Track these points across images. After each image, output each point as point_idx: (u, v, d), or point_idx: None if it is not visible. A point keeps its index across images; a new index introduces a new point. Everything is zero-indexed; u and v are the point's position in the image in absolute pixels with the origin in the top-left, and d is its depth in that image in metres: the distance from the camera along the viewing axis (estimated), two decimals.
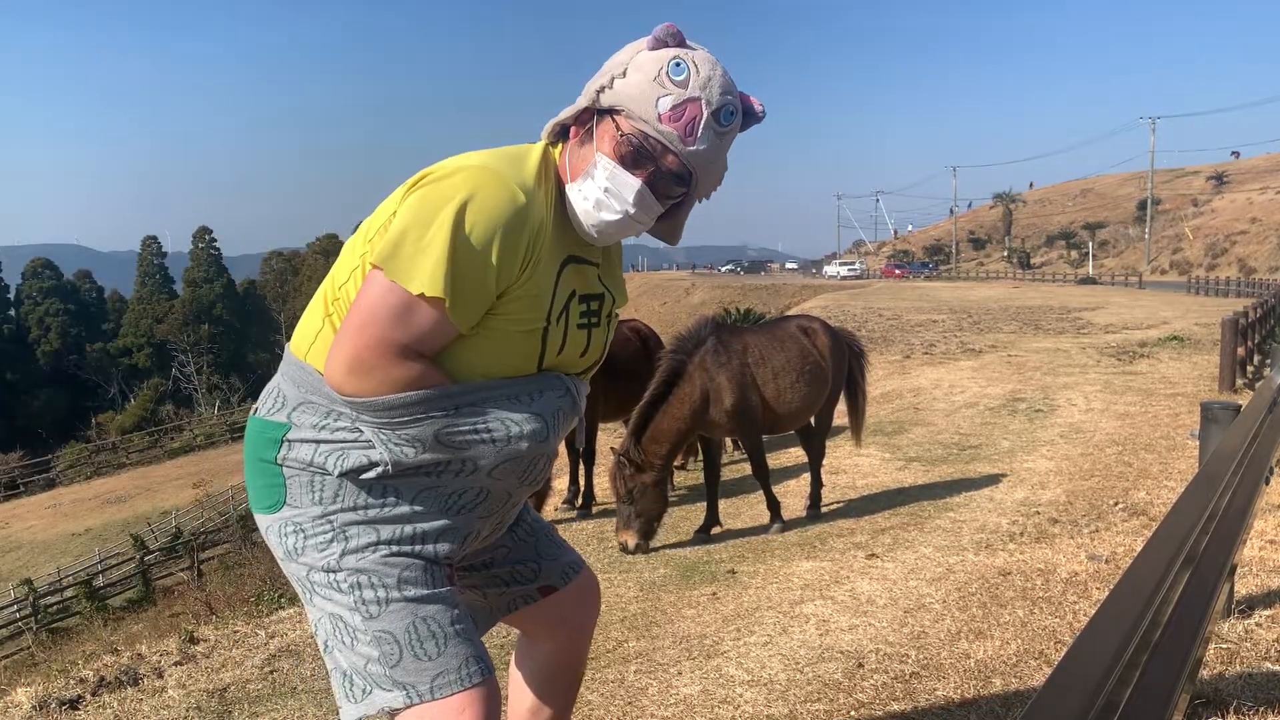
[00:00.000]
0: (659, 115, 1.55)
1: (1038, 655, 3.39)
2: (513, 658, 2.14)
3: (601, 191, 1.59)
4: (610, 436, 8.76)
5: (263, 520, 1.70)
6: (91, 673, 4.30)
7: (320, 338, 1.65)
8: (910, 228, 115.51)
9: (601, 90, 1.59)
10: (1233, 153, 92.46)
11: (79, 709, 3.79)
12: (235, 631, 4.87)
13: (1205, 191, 76.27)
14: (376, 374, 1.54)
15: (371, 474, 1.60)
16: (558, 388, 1.70)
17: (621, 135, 1.57)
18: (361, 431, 1.59)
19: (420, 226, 1.51)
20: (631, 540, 5.69)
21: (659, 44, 1.59)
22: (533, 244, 1.57)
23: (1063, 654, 1.48)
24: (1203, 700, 2.75)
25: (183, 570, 21.05)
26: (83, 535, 27.64)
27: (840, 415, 7.31)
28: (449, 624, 1.62)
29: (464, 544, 1.73)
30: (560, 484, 7.19)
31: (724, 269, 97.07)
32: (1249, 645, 3.15)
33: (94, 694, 3.94)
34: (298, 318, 1.80)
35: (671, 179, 1.60)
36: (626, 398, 6.73)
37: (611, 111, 1.58)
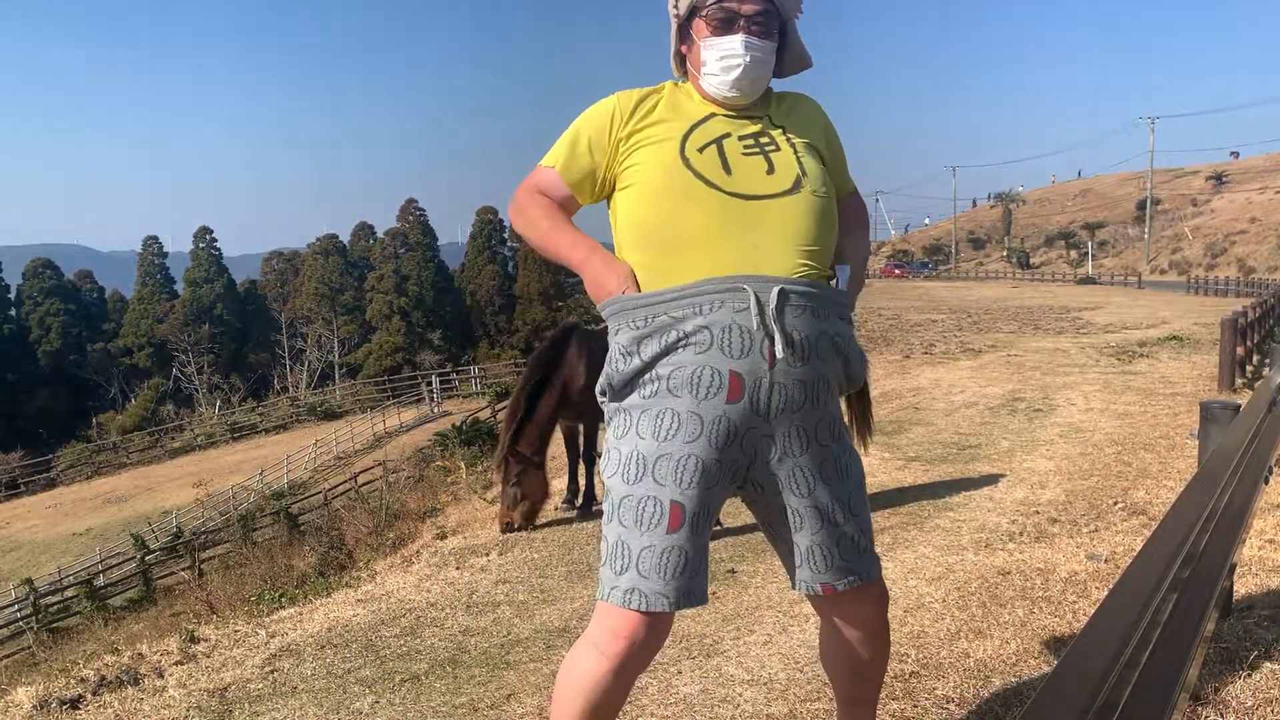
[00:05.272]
0: None
1: (1037, 655, 3.39)
2: None
3: (718, 60, 1.98)
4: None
5: None
6: (92, 672, 4.29)
7: None
8: (927, 220, 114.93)
9: (675, 5, 2.02)
10: (1232, 153, 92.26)
11: (79, 708, 3.80)
12: (236, 631, 4.87)
13: (1205, 191, 76.26)
14: (520, 207, 2.12)
15: (604, 398, 2.01)
16: (738, 303, 1.87)
17: (706, 13, 1.98)
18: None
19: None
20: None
21: None
22: (632, 113, 2.01)
23: (1063, 654, 1.48)
24: (1203, 700, 2.75)
25: (183, 570, 21.02)
26: (83, 535, 27.64)
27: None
28: (636, 554, 1.91)
29: (688, 478, 1.90)
30: (560, 484, 7.21)
31: None
32: (1249, 645, 3.15)
33: (94, 693, 3.94)
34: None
35: (758, 17, 1.97)
36: None
37: (693, 11, 2.00)
